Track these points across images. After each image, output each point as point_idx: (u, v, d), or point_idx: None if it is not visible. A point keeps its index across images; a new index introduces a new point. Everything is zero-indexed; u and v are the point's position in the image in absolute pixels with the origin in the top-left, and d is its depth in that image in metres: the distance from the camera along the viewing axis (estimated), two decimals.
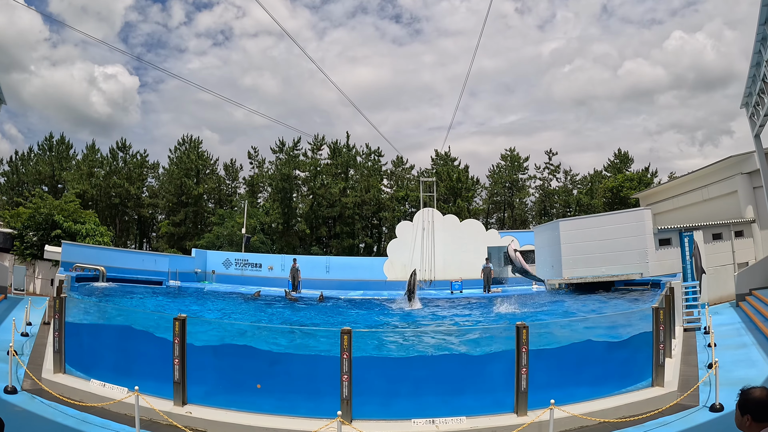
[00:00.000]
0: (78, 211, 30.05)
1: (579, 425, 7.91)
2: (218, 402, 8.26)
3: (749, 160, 22.09)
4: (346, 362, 7.70)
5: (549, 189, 52.93)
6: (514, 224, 51.17)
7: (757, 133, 18.80)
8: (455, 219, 30.79)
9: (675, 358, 11.25)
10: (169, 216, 49.92)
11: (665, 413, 8.37)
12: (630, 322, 10.35)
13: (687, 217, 25.95)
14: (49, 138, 50.23)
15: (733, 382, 8.83)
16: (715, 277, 19.93)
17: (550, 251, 21.93)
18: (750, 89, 18.44)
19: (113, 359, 9.47)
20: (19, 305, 17.59)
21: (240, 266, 29.87)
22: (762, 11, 14.82)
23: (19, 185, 47.32)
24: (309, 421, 7.62)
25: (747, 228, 22.00)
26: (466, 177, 50.96)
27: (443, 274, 28.08)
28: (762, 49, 16.05)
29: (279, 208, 47.64)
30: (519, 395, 8.04)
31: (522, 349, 8.05)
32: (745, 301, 17.52)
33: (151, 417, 7.88)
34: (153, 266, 24.33)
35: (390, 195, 50.77)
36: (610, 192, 45.98)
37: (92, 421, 7.91)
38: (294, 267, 25.50)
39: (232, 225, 41.20)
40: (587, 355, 9.27)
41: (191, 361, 8.33)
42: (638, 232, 18.99)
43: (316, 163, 50.30)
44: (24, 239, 27.22)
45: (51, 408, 8.35)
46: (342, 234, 47.75)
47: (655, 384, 9.34)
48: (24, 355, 11.16)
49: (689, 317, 15.07)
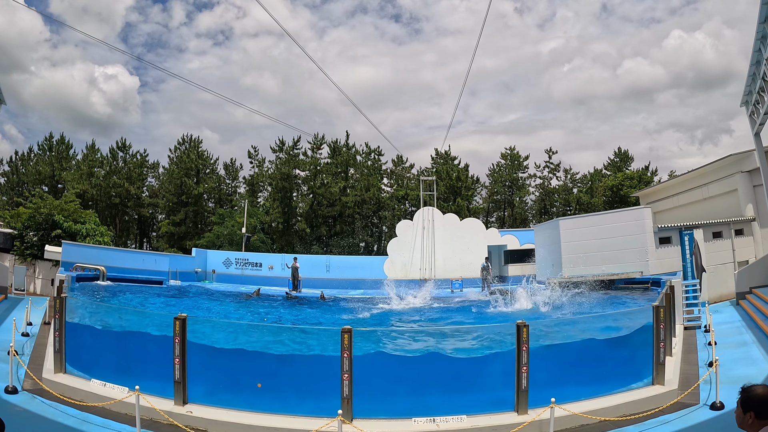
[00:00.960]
0: (78, 211, 30.06)
1: (579, 424, 7.91)
2: (219, 401, 8.26)
3: (749, 158, 22.07)
4: (347, 361, 7.70)
5: (549, 188, 52.89)
6: (514, 223, 51.16)
7: (757, 132, 18.78)
8: (455, 218, 30.82)
9: (675, 357, 11.25)
10: (169, 216, 49.91)
11: (666, 412, 8.37)
12: (630, 320, 10.35)
13: (687, 216, 25.93)
14: (49, 138, 50.21)
15: (734, 381, 8.84)
16: (715, 275, 19.93)
17: (550, 250, 21.94)
18: (750, 87, 18.41)
19: (114, 359, 9.47)
20: (19, 305, 17.59)
21: (240, 266, 29.90)
22: (762, 9, 14.78)
23: (19, 185, 47.31)
24: (310, 420, 7.62)
25: (747, 226, 21.99)
26: (466, 176, 50.92)
27: (443, 273, 28.10)
28: (762, 47, 16.02)
29: (279, 208, 47.64)
30: (519, 394, 8.04)
31: (522, 347, 8.05)
32: (745, 299, 17.52)
33: (151, 416, 7.89)
34: (153, 266, 24.37)
35: (390, 194, 50.72)
36: (610, 190, 45.97)
37: (93, 420, 7.92)
38: (294, 266, 25.52)
39: (232, 224, 41.20)
40: (587, 354, 9.27)
41: (192, 361, 8.34)
42: (638, 231, 19.02)
43: (316, 162, 50.26)
44: (24, 239, 27.22)
45: (52, 408, 8.36)
46: (342, 233, 47.74)
47: (655, 382, 9.35)
48: (25, 355, 11.17)
49: (689, 315, 15.07)
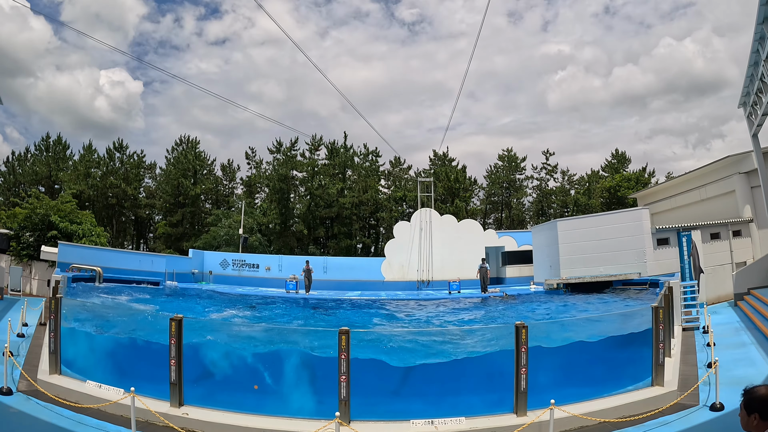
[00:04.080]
0: (75, 211, 29.94)
1: (579, 425, 7.86)
2: (215, 403, 8.18)
3: (747, 159, 22.10)
4: (344, 363, 7.63)
5: (546, 189, 52.94)
6: (511, 224, 51.17)
7: (755, 133, 18.79)
8: (453, 219, 30.79)
9: (674, 358, 11.22)
10: (166, 216, 49.78)
11: (665, 413, 8.33)
12: (629, 321, 10.31)
13: (685, 217, 25.96)
14: (45, 138, 50.10)
15: (733, 382, 8.82)
16: (714, 276, 19.93)
17: (548, 251, 21.93)
18: (748, 89, 18.42)
19: (109, 360, 9.40)
20: (15, 306, 17.51)
21: (237, 267, 29.80)
22: (760, 10, 14.78)
23: (16, 186, 47.15)
24: (307, 422, 7.55)
25: (745, 227, 22.01)
26: (464, 177, 50.92)
27: (441, 275, 28.05)
28: (760, 48, 16.03)
29: (276, 209, 47.55)
30: (518, 395, 7.99)
31: (521, 349, 8.00)
32: (743, 300, 17.52)
33: (147, 418, 7.81)
34: (150, 267, 24.23)
35: (388, 195, 50.68)
36: (607, 192, 46.04)
37: (88, 422, 7.84)
38: (307, 269, 25.37)
39: (230, 225, 41.09)
40: (586, 355, 9.23)
41: (188, 362, 8.27)
42: (636, 232, 19.02)
43: (314, 163, 50.18)
44: (20, 240, 27.08)
45: (46, 409, 8.27)
46: (339, 234, 47.67)
47: (654, 383, 9.30)
48: (20, 356, 11.07)
49: (688, 317, 15.06)
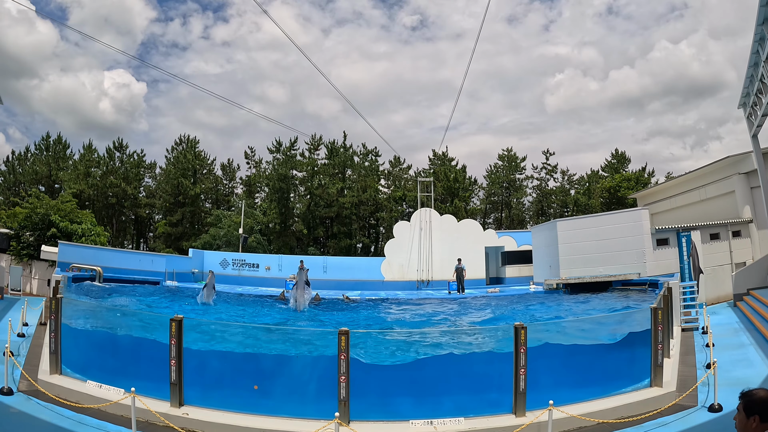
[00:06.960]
0: (75, 211, 29.99)
1: (577, 426, 7.89)
2: (215, 403, 8.20)
3: (746, 160, 22.12)
4: (344, 363, 7.66)
5: (546, 189, 52.95)
6: (511, 224, 51.19)
7: (755, 133, 18.80)
8: (452, 219, 30.80)
9: (673, 359, 11.23)
10: (166, 216, 49.79)
11: (664, 414, 8.35)
12: (628, 322, 10.33)
13: (684, 217, 25.97)
14: (46, 138, 50.10)
15: (732, 383, 8.84)
16: (713, 277, 19.95)
17: (547, 251, 21.94)
18: (747, 89, 18.43)
19: (110, 360, 9.41)
20: (15, 306, 17.51)
21: (237, 266, 29.81)
22: (760, 12, 14.79)
23: (16, 185, 47.14)
24: (307, 423, 7.57)
25: (744, 228, 22.02)
26: (464, 177, 50.92)
27: (440, 275, 28.07)
28: (759, 49, 16.04)
29: (276, 208, 47.56)
30: (517, 396, 8.01)
31: (520, 349, 8.02)
32: (742, 300, 17.53)
33: (147, 418, 7.83)
34: (150, 266, 24.24)
35: (387, 195, 50.70)
36: (607, 192, 46.04)
37: (88, 422, 7.85)
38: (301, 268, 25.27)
39: (229, 225, 41.11)
40: (585, 356, 9.25)
41: (188, 363, 8.28)
42: (636, 232, 19.03)
43: (314, 163, 50.20)
44: (21, 239, 27.11)
45: (47, 409, 8.29)
46: (339, 234, 47.68)
47: (653, 384, 9.32)
48: (20, 356, 11.08)
49: (687, 317, 15.08)
